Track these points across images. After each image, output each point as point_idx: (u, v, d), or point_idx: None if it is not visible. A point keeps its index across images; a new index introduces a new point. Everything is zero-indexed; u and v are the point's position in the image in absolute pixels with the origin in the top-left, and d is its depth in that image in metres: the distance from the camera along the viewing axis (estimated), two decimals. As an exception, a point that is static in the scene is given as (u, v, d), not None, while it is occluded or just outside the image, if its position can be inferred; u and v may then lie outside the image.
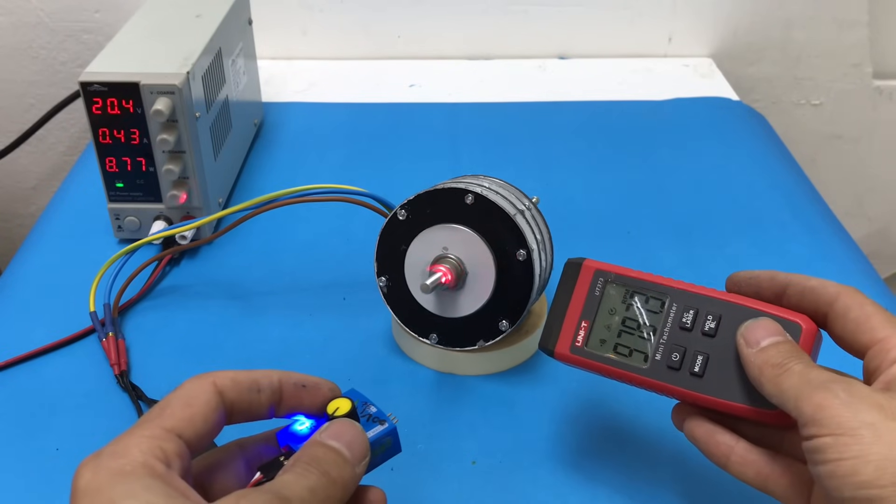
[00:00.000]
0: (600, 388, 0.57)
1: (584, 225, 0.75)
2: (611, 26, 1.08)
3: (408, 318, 0.58)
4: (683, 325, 0.43)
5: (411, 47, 1.10)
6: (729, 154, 0.87)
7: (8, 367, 0.59)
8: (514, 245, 0.54)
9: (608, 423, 0.55)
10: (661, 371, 0.43)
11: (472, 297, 0.55)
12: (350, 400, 0.38)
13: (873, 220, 1.21)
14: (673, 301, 0.43)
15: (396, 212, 0.56)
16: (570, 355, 0.45)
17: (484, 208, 0.54)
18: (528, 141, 0.90)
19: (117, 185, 0.68)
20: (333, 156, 0.87)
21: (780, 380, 0.37)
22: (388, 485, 0.50)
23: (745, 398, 0.40)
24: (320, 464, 0.34)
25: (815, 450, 0.35)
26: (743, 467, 0.41)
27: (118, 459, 0.32)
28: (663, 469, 0.51)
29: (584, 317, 0.45)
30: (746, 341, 0.40)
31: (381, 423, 0.39)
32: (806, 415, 0.35)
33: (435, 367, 0.59)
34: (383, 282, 0.58)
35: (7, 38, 1.05)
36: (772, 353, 0.39)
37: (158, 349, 0.61)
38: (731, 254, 0.71)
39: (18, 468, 0.51)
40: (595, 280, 0.46)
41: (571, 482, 0.50)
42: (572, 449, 0.53)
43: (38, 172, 1.16)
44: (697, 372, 0.42)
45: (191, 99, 0.65)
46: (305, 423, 0.38)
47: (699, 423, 0.43)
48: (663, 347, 0.43)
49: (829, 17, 1.07)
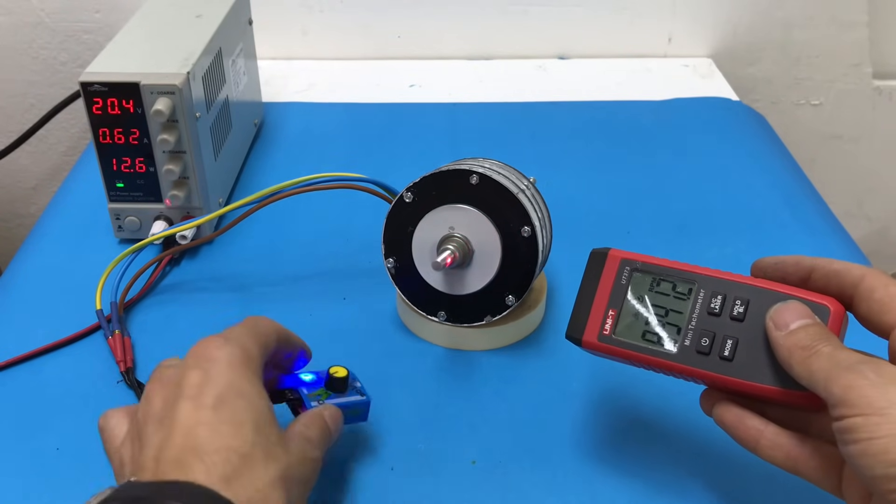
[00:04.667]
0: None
1: (584, 225, 0.75)
2: (610, 26, 1.08)
3: (416, 297, 0.60)
4: (712, 310, 0.43)
5: (411, 47, 1.10)
6: (729, 154, 0.87)
7: (9, 366, 0.59)
8: (519, 222, 0.56)
9: (608, 422, 0.55)
10: (690, 356, 0.43)
11: (479, 274, 0.57)
12: (346, 370, 0.51)
13: (873, 220, 1.21)
14: (700, 287, 0.44)
15: (402, 195, 0.58)
16: (598, 343, 0.46)
17: (488, 188, 0.56)
18: (528, 141, 0.90)
19: (117, 185, 0.68)
20: (333, 156, 0.87)
21: (810, 362, 0.38)
22: (389, 485, 0.50)
23: (774, 380, 0.41)
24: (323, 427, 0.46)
25: (846, 430, 0.35)
26: (773, 451, 0.41)
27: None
28: (663, 468, 0.51)
29: (611, 305, 0.46)
30: (776, 324, 0.40)
31: (360, 395, 0.51)
32: (836, 396, 0.36)
33: (443, 344, 0.61)
34: (391, 263, 0.60)
35: (7, 38, 1.05)
36: (801, 335, 0.39)
37: (160, 347, 0.61)
38: (730, 254, 0.71)
39: (19, 468, 0.51)
40: (621, 269, 0.46)
41: (571, 482, 0.50)
42: (572, 449, 0.53)
43: (38, 172, 1.16)
44: (727, 356, 0.42)
45: (191, 99, 0.65)
46: (309, 376, 0.50)
47: (728, 409, 0.43)
48: (692, 333, 0.43)
49: (829, 17, 1.07)
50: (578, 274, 0.67)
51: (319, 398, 0.49)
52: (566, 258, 0.68)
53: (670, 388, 0.55)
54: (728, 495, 0.49)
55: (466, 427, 0.54)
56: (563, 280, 0.67)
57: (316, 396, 0.49)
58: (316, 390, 0.50)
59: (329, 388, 0.50)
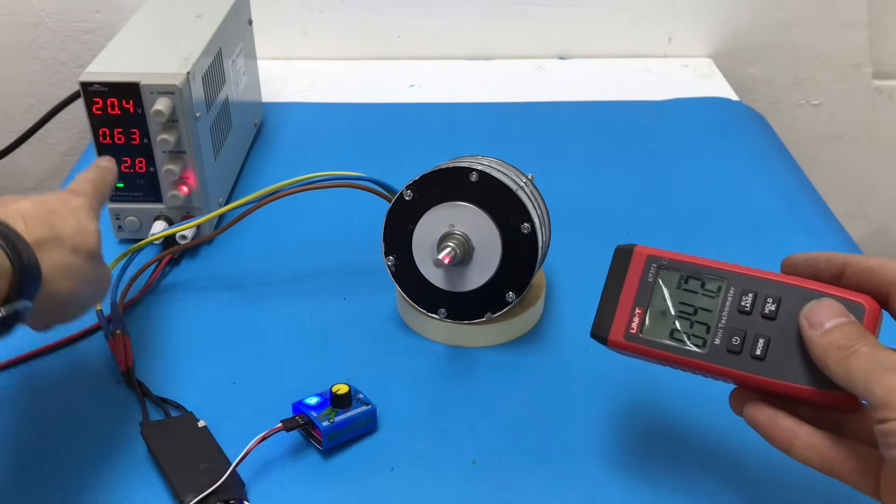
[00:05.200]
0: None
1: (584, 225, 0.75)
2: (610, 26, 1.08)
3: (416, 295, 0.60)
4: (742, 308, 0.42)
5: (411, 47, 1.10)
6: (729, 154, 0.87)
7: (9, 366, 0.59)
8: (518, 219, 0.56)
9: (608, 421, 0.55)
10: (720, 355, 0.42)
11: (480, 270, 0.58)
12: (348, 385, 0.53)
13: (873, 220, 1.21)
14: (730, 285, 0.43)
15: (402, 192, 0.58)
16: (624, 342, 0.45)
17: (488, 185, 0.56)
18: (528, 141, 0.90)
19: (117, 185, 0.68)
20: (333, 156, 0.87)
21: (848, 362, 0.37)
22: (389, 485, 0.50)
23: (808, 380, 0.40)
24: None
25: (890, 433, 0.34)
26: (807, 451, 0.40)
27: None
28: (664, 468, 0.51)
29: (637, 303, 0.45)
30: (810, 323, 0.39)
31: (365, 405, 0.53)
32: (878, 398, 0.35)
33: (443, 341, 0.61)
34: (391, 261, 0.60)
35: (7, 38, 1.05)
36: (837, 334, 0.38)
37: (160, 347, 0.61)
38: (730, 254, 0.71)
39: (19, 468, 0.51)
40: (648, 266, 0.45)
41: (572, 482, 0.50)
42: (573, 449, 0.53)
43: (38, 172, 1.16)
44: (759, 355, 0.41)
45: (191, 99, 0.65)
46: (314, 399, 0.53)
47: (760, 408, 0.42)
48: (722, 331, 0.43)
49: (829, 17, 1.07)
50: (579, 273, 0.68)
51: (329, 417, 0.51)
52: (566, 258, 0.69)
53: (670, 388, 0.55)
54: (732, 495, 0.49)
55: (466, 427, 0.54)
56: (563, 280, 0.67)
57: (325, 416, 0.51)
58: (323, 410, 0.52)
59: (335, 406, 0.52)
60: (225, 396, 0.56)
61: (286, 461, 0.51)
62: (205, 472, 0.48)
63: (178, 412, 0.54)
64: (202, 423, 0.53)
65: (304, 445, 0.52)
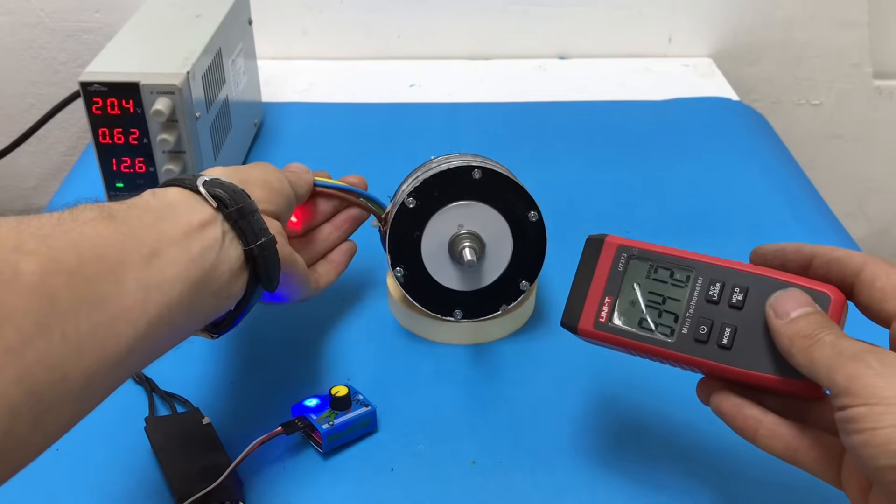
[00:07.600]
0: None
1: (584, 225, 0.74)
2: (611, 26, 1.08)
3: (429, 301, 0.59)
4: (710, 298, 0.43)
5: (411, 47, 1.10)
6: (729, 154, 0.87)
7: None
8: (525, 208, 0.58)
9: (608, 421, 0.55)
10: (688, 344, 0.43)
11: (494, 265, 0.59)
12: (347, 387, 0.53)
13: (873, 220, 1.21)
14: (699, 274, 0.43)
15: (404, 201, 0.57)
16: (593, 331, 0.45)
17: (491, 180, 0.56)
18: (527, 141, 0.90)
19: (117, 185, 0.68)
20: (333, 156, 0.87)
21: (812, 350, 0.37)
22: (389, 485, 0.50)
23: (774, 369, 0.40)
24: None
25: (849, 420, 0.35)
26: (772, 441, 0.41)
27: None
28: (664, 468, 0.51)
29: (607, 292, 0.45)
30: (776, 312, 0.40)
31: (364, 406, 0.53)
32: (839, 385, 0.35)
33: (443, 340, 0.61)
34: (400, 272, 0.59)
35: (7, 38, 1.05)
36: (802, 324, 0.39)
37: (158, 349, 0.61)
38: (730, 254, 0.70)
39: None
40: (618, 255, 0.46)
41: (571, 482, 0.50)
42: (573, 449, 0.53)
43: (38, 172, 1.16)
44: (725, 344, 0.41)
45: (191, 99, 0.65)
46: (314, 401, 0.52)
47: (726, 397, 0.42)
48: (690, 321, 0.43)
49: (829, 17, 1.07)
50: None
51: (328, 419, 0.51)
52: (566, 258, 0.68)
53: (670, 388, 0.55)
54: (727, 495, 0.49)
55: (466, 427, 0.54)
56: (563, 279, 0.67)
57: (325, 419, 0.51)
58: (323, 413, 0.52)
59: (335, 408, 0.52)
60: (225, 396, 0.56)
61: (286, 461, 0.51)
62: (204, 472, 0.48)
63: (184, 408, 0.55)
64: (206, 420, 0.53)
65: (304, 445, 0.52)
